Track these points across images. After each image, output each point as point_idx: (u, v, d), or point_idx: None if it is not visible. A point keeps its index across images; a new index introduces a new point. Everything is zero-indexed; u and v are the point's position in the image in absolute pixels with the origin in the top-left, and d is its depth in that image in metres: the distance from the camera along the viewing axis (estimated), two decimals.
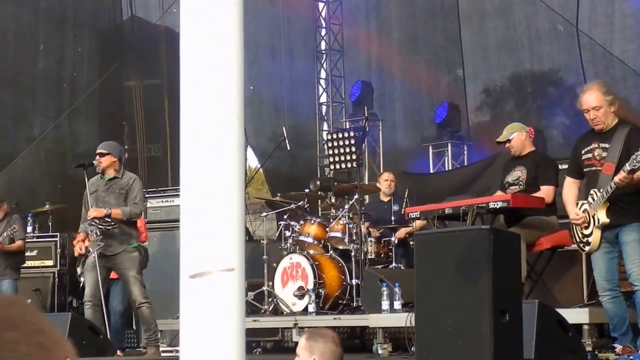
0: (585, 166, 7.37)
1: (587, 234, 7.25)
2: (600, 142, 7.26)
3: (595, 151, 7.27)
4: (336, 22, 17.61)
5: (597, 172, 7.24)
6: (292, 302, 10.56)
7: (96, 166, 9.79)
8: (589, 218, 7.22)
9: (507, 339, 5.29)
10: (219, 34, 2.34)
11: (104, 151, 9.81)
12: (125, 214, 9.57)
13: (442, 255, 5.68)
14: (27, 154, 15.06)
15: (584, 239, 7.29)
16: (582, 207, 7.31)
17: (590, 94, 7.26)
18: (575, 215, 7.29)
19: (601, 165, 7.19)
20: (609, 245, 7.21)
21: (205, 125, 2.32)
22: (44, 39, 15.73)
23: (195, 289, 2.27)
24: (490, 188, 10.95)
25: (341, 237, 10.89)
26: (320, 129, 17.82)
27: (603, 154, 7.21)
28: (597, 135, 7.31)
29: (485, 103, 15.94)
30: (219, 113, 2.31)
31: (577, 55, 13.89)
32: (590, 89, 7.32)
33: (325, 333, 4.98)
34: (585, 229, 7.26)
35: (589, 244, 7.24)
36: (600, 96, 7.21)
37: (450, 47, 16.11)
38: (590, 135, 7.42)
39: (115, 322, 10.92)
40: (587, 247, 7.29)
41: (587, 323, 7.44)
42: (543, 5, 14.15)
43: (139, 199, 9.78)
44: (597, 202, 7.13)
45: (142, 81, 15.93)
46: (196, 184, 2.32)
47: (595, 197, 7.15)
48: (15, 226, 11.15)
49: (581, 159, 7.39)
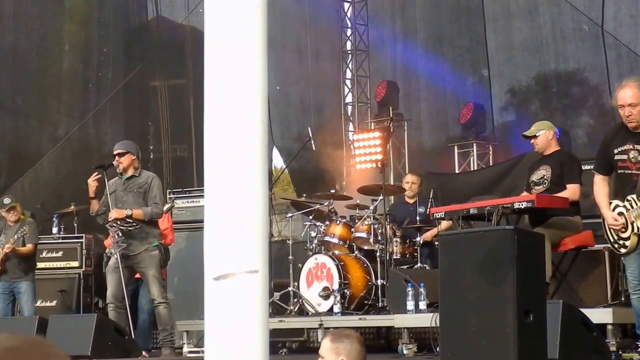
0: (618, 167, 7.18)
1: (624, 237, 7.12)
2: (635, 143, 7.07)
3: (630, 153, 7.08)
4: (361, 23, 17.66)
5: (632, 175, 7.07)
6: (318, 302, 10.57)
7: (116, 167, 9.80)
8: (626, 222, 7.09)
9: (531, 339, 5.29)
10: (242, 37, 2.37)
11: (122, 150, 9.80)
12: (147, 215, 9.58)
13: (466, 256, 5.69)
14: (53, 154, 15.10)
15: (620, 241, 7.16)
16: (616, 209, 7.16)
17: (628, 90, 7.06)
18: (613, 219, 7.13)
19: (637, 169, 7.02)
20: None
21: (229, 128, 2.35)
22: (69, 39, 15.77)
23: (219, 291, 2.30)
24: (516, 188, 10.95)
25: (366, 238, 10.90)
26: (346, 129, 17.85)
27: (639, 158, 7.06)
28: (632, 135, 7.11)
29: (511, 103, 15.92)
30: (242, 116, 2.34)
31: (602, 56, 13.86)
32: (628, 85, 7.11)
33: (350, 333, 4.99)
34: (622, 232, 7.13)
35: (625, 247, 7.11)
36: (637, 93, 7.02)
37: (476, 48, 16.11)
38: (623, 133, 7.20)
39: (143, 322, 10.94)
40: (623, 250, 7.16)
41: (611, 323, 7.41)
42: (568, 5, 14.13)
43: (159, 199, 9.75)
44: (636, 210, 7.00)
45: (168, 81, 15.95)
46: (220, 186, 2.34)
47: (635, 204, 7.02)
48: (26, 228, 11.20)
49: (613, 159, 7.20)
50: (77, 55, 15.84)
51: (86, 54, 15.96)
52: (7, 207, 11.36)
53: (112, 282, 9.62)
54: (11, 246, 11.11)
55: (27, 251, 11.37)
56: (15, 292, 11.34)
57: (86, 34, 15.98)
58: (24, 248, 11.30)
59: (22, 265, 11.34)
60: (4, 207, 11.39)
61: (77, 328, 9.23)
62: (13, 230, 11.30)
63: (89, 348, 8.81)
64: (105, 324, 9.18)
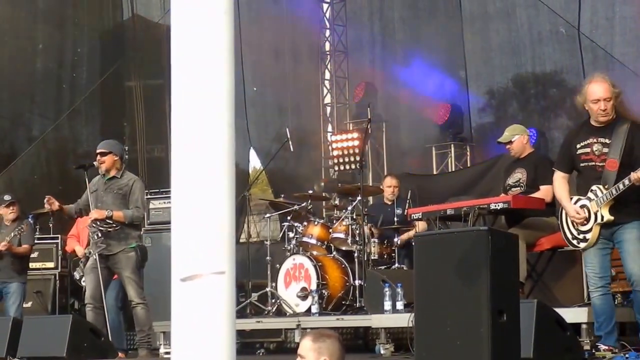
0: (581, 161, 7.23)
1: (584, 230, 7.18)
2: (598, 137, 7.13)
3: (593, 146, 7.14)
4: (340, 24, 17.66)
5: (596, 167, 7.12)
6: (295, 303, 10.59)
7: (98, 167, 9.77)
8: (589, 214, 7.14)
9: (505, 338, 5.32)
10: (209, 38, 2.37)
11: (105, 150, 9.77)
12: (127, 218, 9.57)
13: (441, 256, 5.71)
14: (27, 155, 15.05)
15: (580, 235, 7.22)
16: (578, 203, 7.22)
17: (601, 84, 7.10)
18: (576, 213, 7.18)
19: (601, 161, 7.08)
20: (605, 242, 7.16)
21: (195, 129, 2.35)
22: (42, 39, 15.69)
23: (186, 292, 2.30)
24: (493, 189, 11.00)
25: (344, 238, 10.92)
26: (325, 130, 17.85)
27: (603, 150, 7.09)
28: (595, 130, 7.17)
29: (488, 104, 15.96)
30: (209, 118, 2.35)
31: (578, 58, 13.91)
32: (600, 79, 7.15)
33: (330, 333, 5.01)
34: (582, 225, 7.19)
35: (585, 240, 7.16)
36: (609, 87, 7.09)
37: (453, 49, 16.12)
38: (585, 130, 7.27)
39: (112, 322, 10.88)
40: (583, 244, 7.21)
41: (586, 322, 7.45)
42: (545, 8, 14.18)
43: (141, 202, 9.74)
44: (601, 198, 7.03)
45: (143, 81, 15.90)
46: (186, 188, 2.35)
47: (600, 193, 7.05)
48: (24, 227, 11.18)
49: (576, 154, 7.26)
50: (51, 56, 15.77)
51: (60, 54, 15.89)
52: (7, 203, 11.33)
53: (90, 282, 9.61)
54: (7, 244, 11.06)
55: (24, 251, 11.34)
56: (4, 292, 11.29)
57: (60, 34, 15.90)
58: (20, 248, 11.26)
59: (15, 265, 11.29)
60: (3, 203, 11.36)
61: (53, 329, 9.19)
62: (9, 229, 11.27)
63: (64, 349, 8.77)
64: (81, 325, 9.14)
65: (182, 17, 2.40)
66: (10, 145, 15.16)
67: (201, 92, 2.37)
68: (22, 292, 11.31)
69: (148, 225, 12.17)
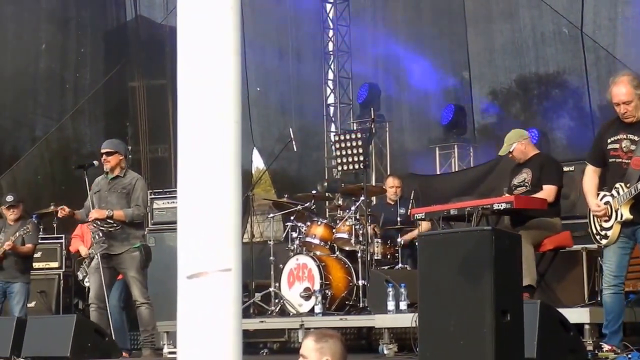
0: (610, 156, 7.16)
1: (606, 227, 7.13)
2: (628, 133, 7.06)
3: (622, 142, 7.07)
4: (344, 24, 17.65)
5: (622, 164, 7.07)
6: (299, 303, 10.58)
7: (104, 166, 9.77)
8: (611, 211, 7.09)
9: (509, 339, 5.32)
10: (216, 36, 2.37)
11: (111, 150, 9.77)
12: (128, 216, 9.56)
13: (445, 256, 5.70)
14: (31, 155, 15.06)
15: (602, 231, 7.17)
16: (603, 199, 7.16)
17: (622, 87, 7.03)
18: (597, 206, 7.13)
19: (628, 158, 7.02)
20: (625, 241, 7.11)
21: (202, 128, 2.36)
22: (45, 39, 15.70)
23: (192, 289, 2.30)
24: (496, 189, 10.99)
25: (347, 238, 10.91)
26: (328, 130, 17.85)
27: (631, 147, 7.02)
28: (626, 126, 7.09)
29: (492, 105, 15.97)
30: (216, 116, 2.35)
31: (581, 58, 13.91)
32: (621, 81, 7.07)
33: (332, 333, 5.01)
34: (605, 221, 7.14)
35: (607, 237, 7.11)
36: (631, 90, 6.99)
37: (457, 50, 16.14)
38: (617, 124, 7.17)
39: (115, 322, 10.89)
40: (604, 241, 7.15)
41: (588, 323, 7.44)
42: (548, 9, 14.20)
43: (142, 201, 9.72)
44: (622, 196, 6.98)
45: (147, 81, 15.91)
46: (193, 186, 2.35)
47: (622, 191, 7.00)
48: (29, 226, 11.17)
49: (606, 148, 7.18)
50: (55, 56, 15.78)
51: (63, 54, 15.89)
52: (8, 205, 11.33)
53: (93, 282, 9.61)
54: (11, 244, 11.06)
55: (27, 250, 11.34)
56: (8, 292, 11.28)
57: (63, 35, 15.91)
58: (24, 247, 11.26)
59: (19, 265, 11.28)
60: (5, 205, 11.37)
61: (57, 329, 9.20)
62: (13, 229, 11.26)
63: (69, 349, 8.78)
64: (85, 325, 9.14)
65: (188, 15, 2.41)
66: (13, 146, 15.18)
67: (208, 90, 2.37)
68: (25, 292, 11.31)
69: (152, 225, 12.17)
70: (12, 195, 11.64)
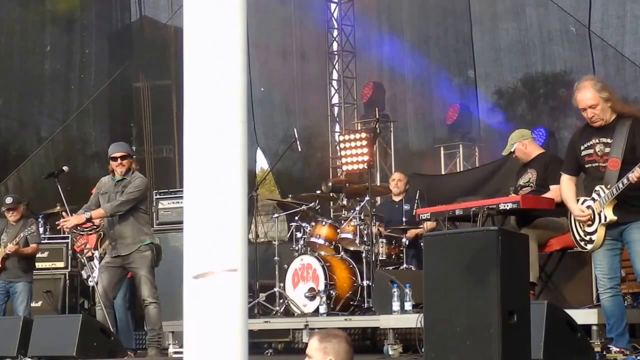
0: (585, 162, 7.18)
1: (590, 231, 7.11)
2: (600, 137, 7.08)
3: (596, 147, 7.09)
4: (348, 24, 17.64)
5: (599, 167, 7.07)
6: (303, 303, 10.58)
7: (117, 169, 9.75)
8: (594, 215, 7.08)
9: (516, 340, 5.29)
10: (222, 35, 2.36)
11: (126, 153, 9.81)
12: (108, 211, 9.57)
13: (450, 256, 5.68)
14: (36, 156, 15.08)
15: (586, 236, 7.15)
16: (584, 204, 7.16)
17: (586, 91, 7.06)
18: (580, 211, 7.13)
19: (604, 162, 7.03)
20: (613, 242, 7.09)
21: (208, 128, 2.34)
22: (50, 40, 15.72)
23: (198, 289, 2.29)
24: (502, 189, 10.97)
25: (352, 239, 10.90)
26: (332, 130, 17.84)
27: (605, 150, 7.03)
28: (597, 131, 7.11)
29: (497, 104, 15.93)
30: (222, 116, 2.33)
31: (588, 57, 13.85)
32: (585, 86, 7.11)
33: (337, 333, 5.00)
34: (588, 226, 7.13)
35: (592, 242, 7.09)
36: (595, 94, 7.02)
37: (462, 49, 16.10)
38: (588, 131, 7.21)
39: (120, 321, 10.90)
40: (590, 245, 7.13)
41: (596, 324, 7.40)
42: (555, 7, 14.14)
43: (131, 191, 9.66)
44: (604, 198, 6.98)
45: (151, 82, 15.92)
46: (200, 185, 2.34)
47: (602, 193, 6.99)
48: (33, 227, 11.17)
49: (580, 156, 7.21)
50: (59, 57, 15.80)
51: (68, 55, 15.91)
52: (7, 207, 11.33)
53: (102, 281, 9.63)
54: (14, 247, 11.06)
55: (31, 251, 11.35)
56: (11, 292, 11.29)
57: (68, 36, 15.93)
58: (28, 249, 11.26)
59: (21, 264, 11.30)
60: (4, 207, 11.36)
61: (62, 329, 9.22)
62: (15, 229, 11.26)
63: (74, 349, 8.80)
64: (91, 325, 9.16)
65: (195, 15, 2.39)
66: (19, 146, 15.21)
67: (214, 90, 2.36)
68: (29, 292, 11.31)
69: (157, 225, 12.17)
70: (10, 197, 11.62)
